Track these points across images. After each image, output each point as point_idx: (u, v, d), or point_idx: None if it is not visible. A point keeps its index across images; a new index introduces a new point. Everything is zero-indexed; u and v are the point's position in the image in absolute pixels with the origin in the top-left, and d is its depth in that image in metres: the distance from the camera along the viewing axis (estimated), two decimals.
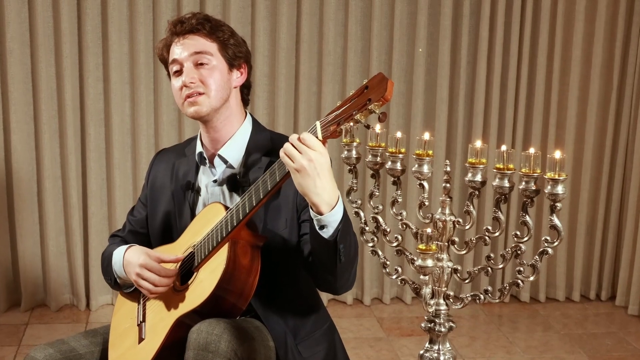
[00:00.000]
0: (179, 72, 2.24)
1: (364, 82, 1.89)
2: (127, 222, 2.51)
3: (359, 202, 2.17)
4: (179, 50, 2.23)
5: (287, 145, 1.91)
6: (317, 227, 1.95)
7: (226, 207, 2.15)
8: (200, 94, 2.21)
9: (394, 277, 2.16)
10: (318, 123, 1.93)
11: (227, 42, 2.25)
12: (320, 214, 1.92)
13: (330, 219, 1.93)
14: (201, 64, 2.22)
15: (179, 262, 2.21)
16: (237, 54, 2.27)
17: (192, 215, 2.32)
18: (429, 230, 1.94)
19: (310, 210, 1.95)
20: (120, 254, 2.32)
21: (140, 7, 4.07)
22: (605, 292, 4.74)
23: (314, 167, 1.87)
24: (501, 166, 1.92)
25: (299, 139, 1.90)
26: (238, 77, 2.30)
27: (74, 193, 4.18)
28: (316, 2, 4.24)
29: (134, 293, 2.37)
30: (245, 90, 2.36)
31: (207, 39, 2.23)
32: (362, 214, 2.17)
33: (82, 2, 4.04)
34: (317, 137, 1.90)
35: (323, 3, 4.23)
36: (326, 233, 1.95)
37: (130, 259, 2.27)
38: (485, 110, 4.45)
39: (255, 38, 4.20)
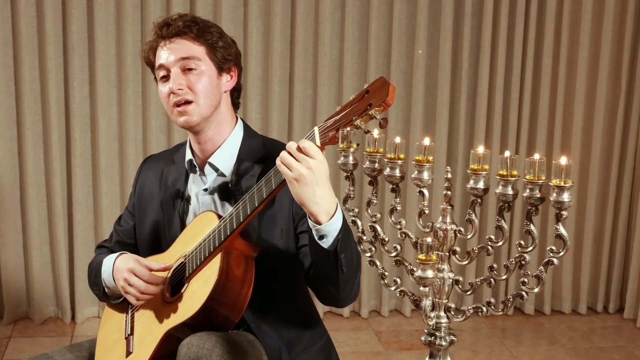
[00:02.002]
0: (165, 78, 2.24)
1: (365, 87, 1.89)
2: (114, 232, 2.52)
3: (356, 210, 2.17)
4: (166, 55, 2.23)
5: (283, 154, 1.91)
6: (316, 237, 1.96)
7: (219, 216, 2.15)
8: (188, 102, 2.21)
9: (393, 288, 2.17)
10: (316, 129, 1.93)
11: (216, 44, 2.24)
12: (319, 223, 1.93)
13: (330, 228, 1.93)
14: (189, 70, 2.21)
15: (168, 270, 2.22)
16: (226, 56, 2.26)
17: (182, 225, 2.33)
18: (429, 239, 1.94)
19: (309, 220, 1.95)
20: (110, 261, 2.32)
21: (128, 7, 4.07)
22: (613, 304, 4.75)
23: (312, 176, 1.88)
24: (504, 173, 1.92)
25: (297, 147, 1.91)
26: (228, 81, 2.30)
27: (58, 201, 4.18)
28: (311, 1, 4.25)
29: (122, 304, 2.37)
30: (236, 94, 2.36)
31: (195, 42, 2.22)
32: (359, 222, 2.18)
33: (67, 1, 4.05)
34: (315, 144, 1.91)
35: (319, 3, 4.24)
36: (326, 243, 1.96)
37: (120, 266, 2.27)
38: (488, 114, 4.46)
39: (248, 39, 4.21)
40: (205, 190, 2.30)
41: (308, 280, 2.20)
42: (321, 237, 1.96)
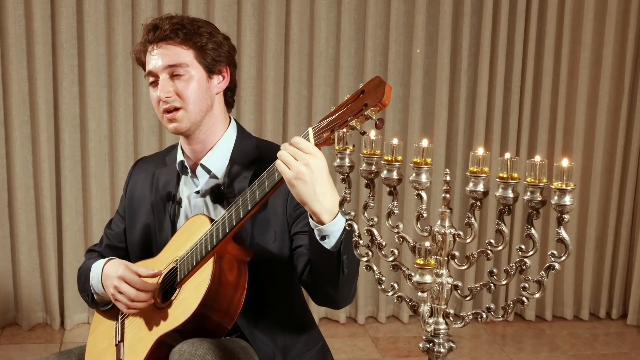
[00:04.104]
0: (155, 84, 2.24)
1: (360, 86, 1.89)
2: (104, 235, 2.51)
3: (353, 213, 2.17)
4: (154, 61, 2.22)
5: (281, 153, 1.91)
6: (317, 238, 1.95)
7: (211, 220, 2.15)
8: (177, 109, 2.20)
9: (390, 294, 2.16)
10: (310, 130, 1.93)
11: (205, 47, 2.22)
12: (322, 223, 1.93)
13: (332, 228, 1.93)
14: (177, 76, 2.20)
15: (158, 276, 2.21)
16: (216, 58, 2.24)
17: (173, 228, 2.32)
18: (427, 243, 1.93)
19: (310, 219, 1.95)
20: (99, 267, 2.32)
21: (119, 6, 4.07)
22: (616, 310, 4.75)
23: (311, 173, 1.88)
24: (504, 175, 1.92)
25: (291, 144, 1.91)
26: (219, 83, 2.28)
27: (47, 204, 4.17)
28: None
29: (112, 311, 2.37)
30: (229, 93, 2.34)
31: (182, 46, 2.20)
32: (355, 226, 2.17)
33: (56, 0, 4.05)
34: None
35: (314, 1, 4.23)
36: (328, 244, 1.96)
37: (109, 272, 2.27)
38: (488, 115, 4.46)
39: (242, 38, 4.20)
40: (197, 192, 2.29)
41: (303, 282, 2.19)
42: (323, 238, 1.95)
